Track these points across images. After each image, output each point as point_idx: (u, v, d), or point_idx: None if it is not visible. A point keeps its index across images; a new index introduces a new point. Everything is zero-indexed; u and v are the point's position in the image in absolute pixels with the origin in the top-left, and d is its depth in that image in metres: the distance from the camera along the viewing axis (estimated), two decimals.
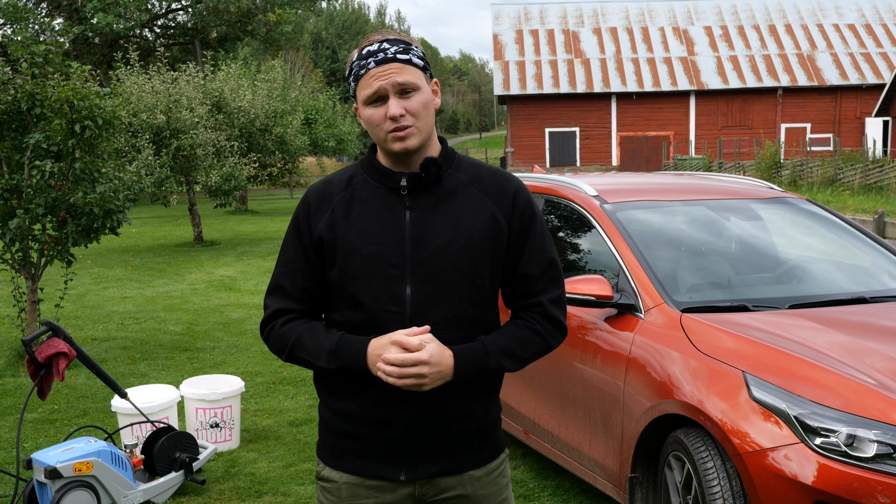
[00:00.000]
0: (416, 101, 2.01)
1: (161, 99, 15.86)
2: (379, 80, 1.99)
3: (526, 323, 2.10)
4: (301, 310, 2.11)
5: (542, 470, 4.78)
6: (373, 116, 2.02)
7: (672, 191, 4.70)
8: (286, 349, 2.08)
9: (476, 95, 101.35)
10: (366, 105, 2.03)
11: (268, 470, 4.89)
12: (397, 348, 1.94)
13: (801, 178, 26.86)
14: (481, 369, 2.03)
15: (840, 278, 4.31)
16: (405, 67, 2.00)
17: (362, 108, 2.04)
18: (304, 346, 2.05)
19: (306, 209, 2.11)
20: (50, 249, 7.12)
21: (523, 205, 2.11)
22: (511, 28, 45.82)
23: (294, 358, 2.08)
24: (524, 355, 2.09)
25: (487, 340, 2.05)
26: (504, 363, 2.06)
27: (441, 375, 1.97)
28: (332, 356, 2.01)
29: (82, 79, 6.87)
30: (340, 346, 2.01)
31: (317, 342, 2.04)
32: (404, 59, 2.01)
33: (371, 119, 2.02)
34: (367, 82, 2.00)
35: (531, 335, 2.09)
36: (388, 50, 2.00)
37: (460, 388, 2.05)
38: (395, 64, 1.99)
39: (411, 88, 2.00)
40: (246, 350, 7.95)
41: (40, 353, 4.18)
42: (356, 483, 2.09)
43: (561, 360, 4.16)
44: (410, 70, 2.01)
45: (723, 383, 3.21)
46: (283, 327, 2.09)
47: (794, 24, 45.68)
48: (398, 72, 1.99)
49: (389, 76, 1.99)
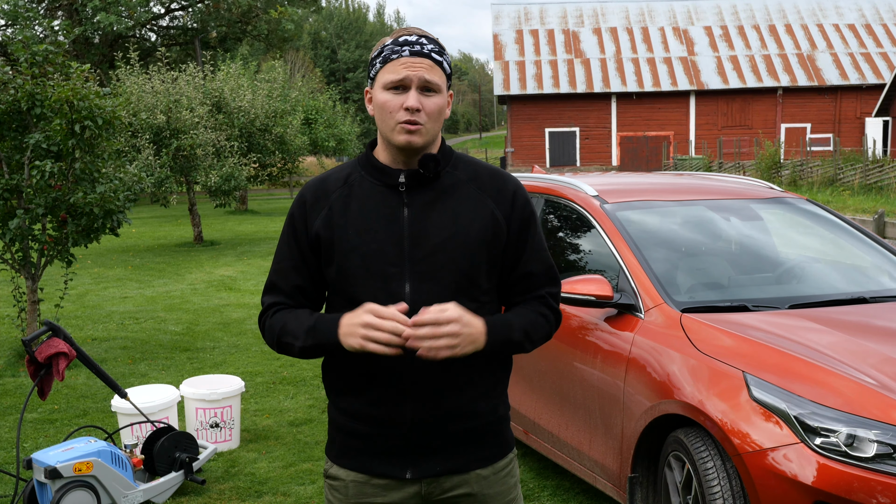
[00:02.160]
0: (434, 102, 2.02)
1: (161, 99, 15.85)
2: (408, 70, 1.99)
3: (533, 307, 2.11)
4: (294, 306, 2.11)
5: (542, 470, 4.78)
6: (388, 103, 2.01)
7: (672, 191, 4.70)
8: (275, 337, 2.08)
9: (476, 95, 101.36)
10: (385, 89, 2.02)
11: (268, 470, 4.89)
12: (371, 315, 1.89)
13: (801, 178, 26.86)
14: (507, 340, 2.02)
15: (840, 278, 4.31)
16: (435, 68, 2.02)
17: (379, 91, 2.03)
18: (287, 329, 2.05)
19: (302, 206, 2.10)
20: (50, 249, 7.12)
21: (522, 204, 2.11)
22: (511, 28, 45.82)
23: (282, 345, 2.07)
24: (535, 337, 2.10)
25: (508, 315, 2.07)
26: (523, 340, 2.06)
27: (472, 339, 1.93)
28: (308, 333, 2.01)
29: (82, 79, 6.87)
30: (317, 323, 2.01)
31: (298, 323, 2.04)
32: (438, 59, 2.02)
33: (386, 105, 2.01)
34: (395, 67, 2.00)
35: (540, 318, 2.11)
36: (425, 45, 2.01)
37: (466, 385, 2.05)
38: (428, 60, 2.01)
39: (434, 89, 2.02)
40: (246, 350, 7.95)
41: (40, 353, 4.18)
42: (363, 481, 2.09)
43: (561, 360, 4.16)
44: (438, 72, 2.02)
45: (723, 383, 3.21)
46: (273, 317, 2.10)
47: (794, 24, 45.68)
48: (428, 69, 2.00)
49: (419, 70, 1.99)
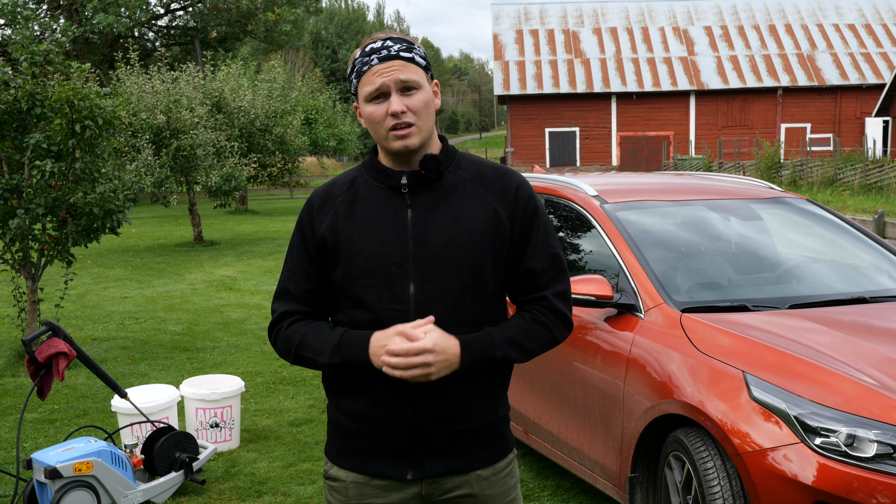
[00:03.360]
0: (417, 99, 2.01)
1: (161, 99, 15.85)
2: (382, 77, 1.99)
3: (532, 315, 2.10)
4: (306, 311, 2.11)
5: (542, 470, 4.78)
6: (374, 113, 2.02)
7: (672, 191, 4.70)
8: (292, 350, 2.08)
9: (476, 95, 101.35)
10: (367, 102, 2.02)
11: (268, 470, 4.89)
12: (402, 339, 1.93)
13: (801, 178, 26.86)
14: (488, 359, 2.02)
15: (840, 278, 4.31)
16: (408, 65, 2.01)
17: (363, 105, 2.04)
18: (308, 344, 2.05)
19: (309, 212, 2.12)
20: (50, 249, 7.12)
21: (525, 200, 2.10)
22: (511, 28, 45.82)
23: (300, 358, 2.08)
24: (530, 347, 2.08)
25: (494, 331, 2.05)
26: (511, 354, 2.05)
27: (447, 364, 1.96)
28: (335, 351, 2.01)
29: (82, 79, 6.87)
30: (343, 341, 2.01)
31: (321, 339, 2.04)
32: (407, 56, 2.01)
33: (372, 116, 2.02)
34: (369, 79, 2.01)
35: (537, 327, 2.08)
36: (391, 47, 2.01)
37: (466, 386, 2.05)
38: (398, 61, 2.00)
39: (413, 86, 2.01)
40: (246, 350, 7.95)
41: (40, 353, 4.18)
42: (363, 482, 2.09)
43: (561, 360, 4.16)
44: (413, 68, 2.01)
45: (723, 383, 3.21)
46: (289, 329, 2.09)
47: (794, 24, 45.68)
48: (401, 69, 2.00)
49: (392, 73, 1.99)
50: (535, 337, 2.08)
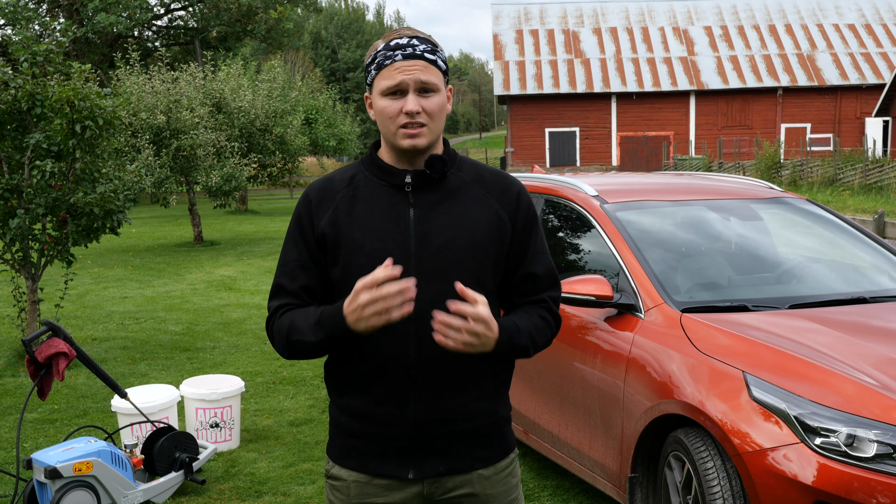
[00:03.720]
0: (433, 101, 2.02)
1: (161, 99, 15.86)
2: (403, 74, 1.99)
3: (536, 311, 2.12)
4: (300, 305, 2.09)
5: (542, 470, 4.78)
6: (387, 108, 2.01)
7: (672, 191, 4.70)
8: (284, 339, 2.06)
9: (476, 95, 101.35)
10: (383, 96, 2.02)
11: (268, 470, 4.89)
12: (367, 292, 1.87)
13: (801, 178, 26.87)
14: (514, 345, 2.02)
15: (840, 278, 4.31)
16: (430, 67, 2.02)
17: (378, 98, 2.03)
18: (297, 327, 2.03)
19: (308, 206, 2.10)
20: (50, 249, 7.12)
21: (526, 206, 2.13)
22: (511, 28, 45.82)
23: (292, 344, 2.04)
24: (539, 341, 2.10)
25: (516, 319, 2.06)
26: (529, 345, 2.06)
27: (488, 342, 1.94)
28: (317, 327, 1.99)
29: (82, 79, 6.87)
30: (321, 316, 1.99)
31: (306, 320, 2.02)
32: (431, 59, 2.02)
33: (385, 111, 2.02)
34: (390, 73, 2.00)
35: (542, 323, 2.11)
36: (417, 47, 2.01)
37: (467, 386, 2.05)
38: (421, 61, 2.01)
39: (431, 89, 2.02)
40: (246, 350, 7.95)
41: (40, 353, 4.18)
42: (364, 481, 2.09)
43: (561, 360, 4.16)
44: (434, 71, 2.02)
45: (723, 383, 3.21)
46: (280, 319, 2.08)
47: (794, 24, 45.68)
48: (423, 70, 2.00)
49: (414, 72, 1.99)
50: (542, 332, 2.11)
